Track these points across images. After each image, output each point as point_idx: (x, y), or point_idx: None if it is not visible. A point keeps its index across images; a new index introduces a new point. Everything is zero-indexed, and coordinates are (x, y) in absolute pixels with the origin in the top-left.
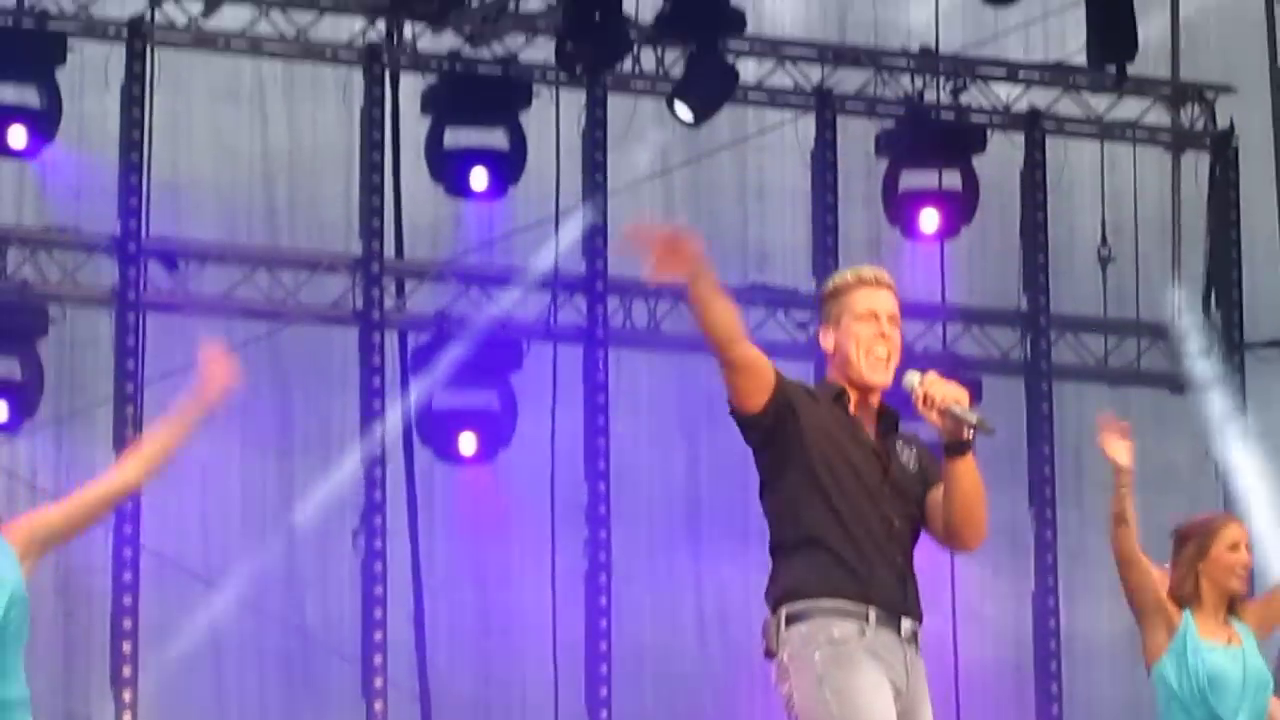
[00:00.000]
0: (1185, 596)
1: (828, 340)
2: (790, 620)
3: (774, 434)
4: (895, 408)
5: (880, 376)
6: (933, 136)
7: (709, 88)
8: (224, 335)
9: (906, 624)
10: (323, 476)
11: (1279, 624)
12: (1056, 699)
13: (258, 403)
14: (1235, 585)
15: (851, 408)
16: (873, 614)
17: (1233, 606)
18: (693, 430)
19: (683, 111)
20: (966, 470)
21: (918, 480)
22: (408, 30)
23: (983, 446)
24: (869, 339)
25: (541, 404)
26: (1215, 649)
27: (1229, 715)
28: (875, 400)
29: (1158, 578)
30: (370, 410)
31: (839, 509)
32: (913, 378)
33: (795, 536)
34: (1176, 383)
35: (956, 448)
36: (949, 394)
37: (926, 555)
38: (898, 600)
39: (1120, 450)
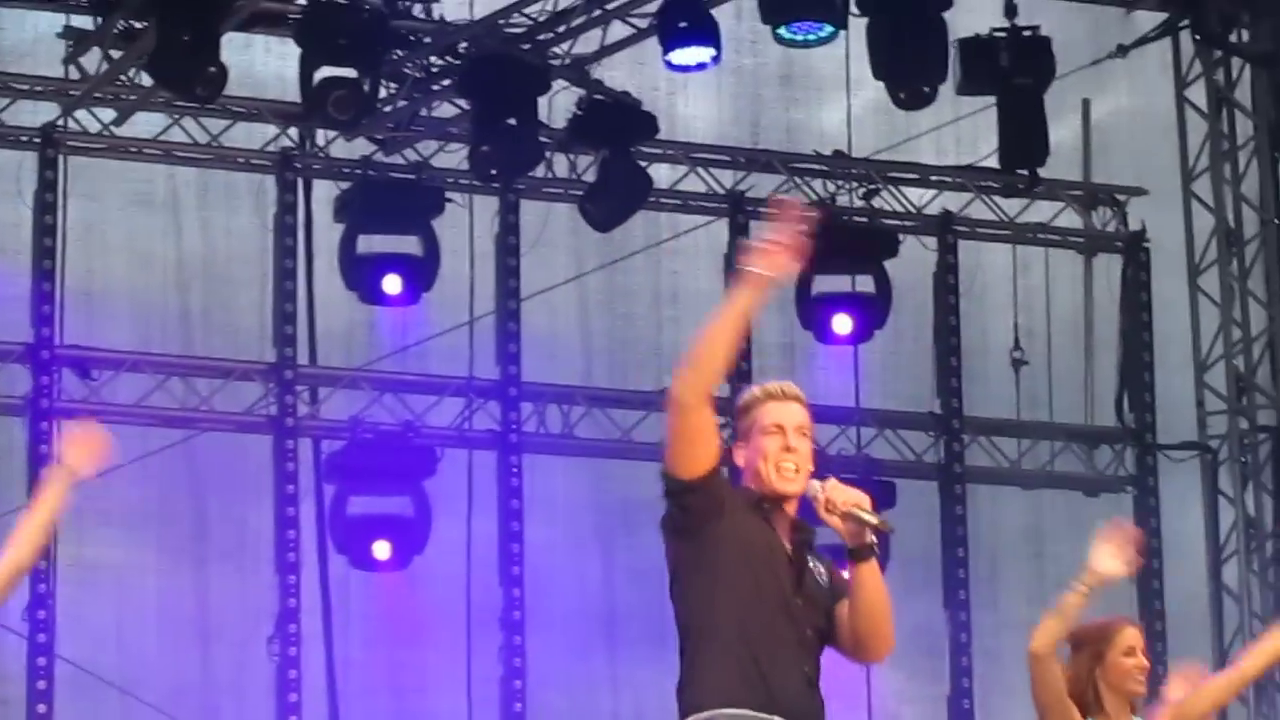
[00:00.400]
0: (1086, 704)
1: (739, 456)
2: None
3: (698, 518)
4: (809, 523)
5: (790, 486)
6: (845, 240)
7: (622, 193)
8: (139, 442)
9: None
10: (239, 583)
11: None
12: None
13: (174, 509)
14: (1134, 688)
15: (769, 517)
16: None
17: (1136, 706)
18: (608, 535)
19: None
20: (870, 575)
21: (828, 595)
22: (320, 137)
23: (896, 549)
24: (776, 453)
25: (456, 510)
26: None
27: None
28: (791, 510)
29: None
30: (284, 517)
31: (751, 613)
32: (814, 485)
33: (704, 637)
34: (1090, 486)
35: (859, 552)
36: (849, 498)
37: (842, 660)
38: (802, 708)
39: (1102, 556)
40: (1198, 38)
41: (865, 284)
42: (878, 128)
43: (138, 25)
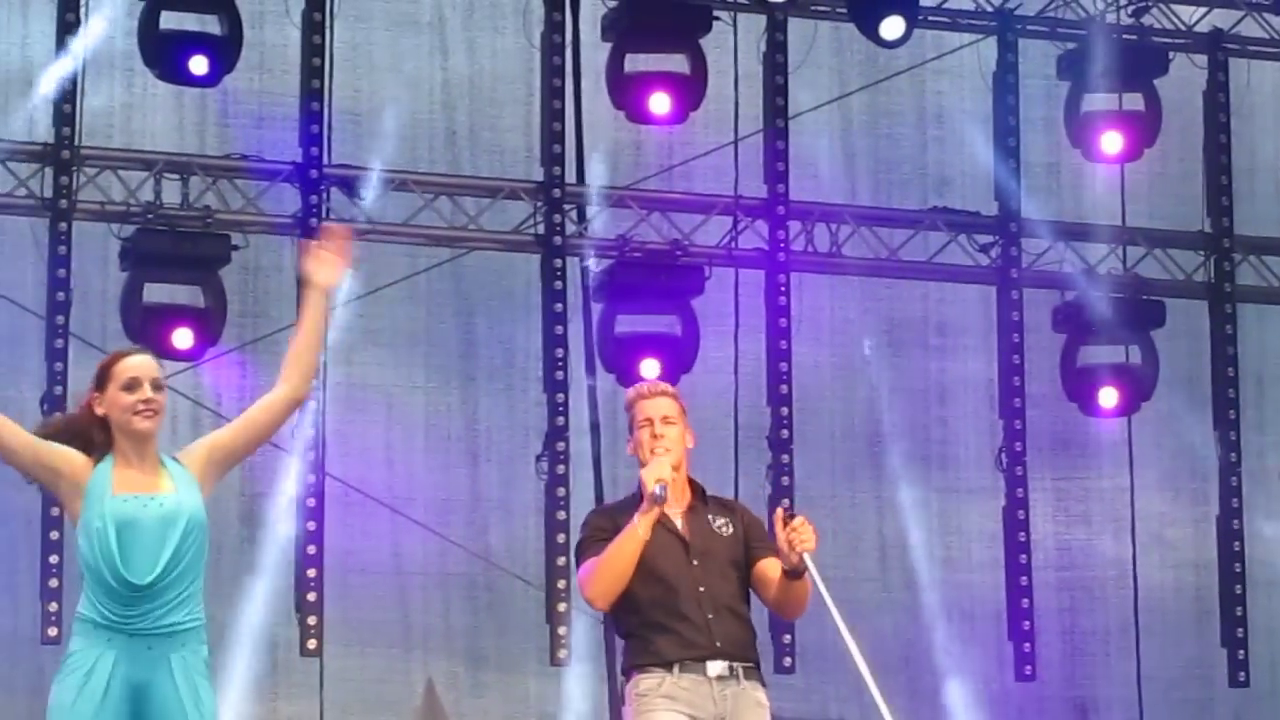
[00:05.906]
0: None
1: (630, 445)
2: (626, 676)
3: None
4: (700, 483)
5: (662, 470)
6: (1114, 59)
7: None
8: (407, 262)
9: (715, 666)
10: (506, 401)
11: None
12: (1241, 623)
13: (441, 328)
14: None
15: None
16: (675, 668)
17: None
18: (875, 355)
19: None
20: (801, 587)
21: (732, 542)
22: None
23: (1164, 370)
24: (648, 442)
25: (723, 328)
26: None
27: None
28: (683, 477)
29: None
30: (552, 335)
31: (644, 603)
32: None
33: (620, 628)
34: None
35: (795, 573)
36: (809, 546)
37: (1109, 480)
38: (700, 652)
39: None
40: None
41: (1134, 102)
42: None
43: None
